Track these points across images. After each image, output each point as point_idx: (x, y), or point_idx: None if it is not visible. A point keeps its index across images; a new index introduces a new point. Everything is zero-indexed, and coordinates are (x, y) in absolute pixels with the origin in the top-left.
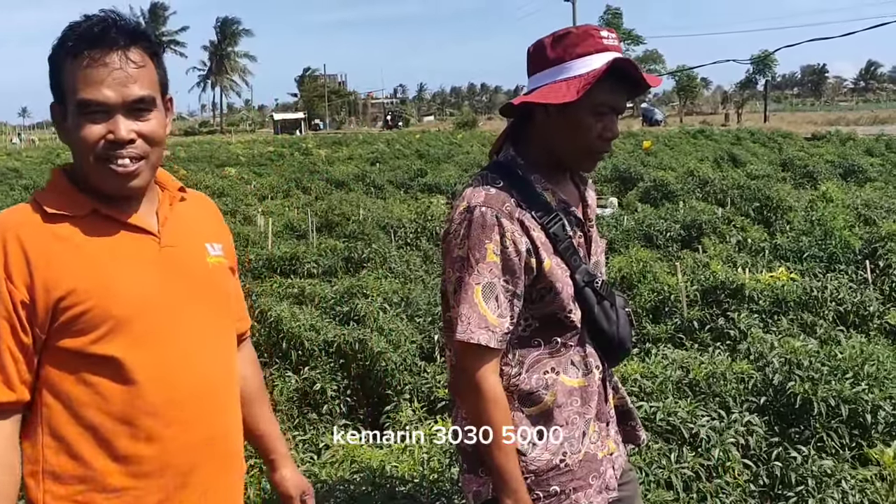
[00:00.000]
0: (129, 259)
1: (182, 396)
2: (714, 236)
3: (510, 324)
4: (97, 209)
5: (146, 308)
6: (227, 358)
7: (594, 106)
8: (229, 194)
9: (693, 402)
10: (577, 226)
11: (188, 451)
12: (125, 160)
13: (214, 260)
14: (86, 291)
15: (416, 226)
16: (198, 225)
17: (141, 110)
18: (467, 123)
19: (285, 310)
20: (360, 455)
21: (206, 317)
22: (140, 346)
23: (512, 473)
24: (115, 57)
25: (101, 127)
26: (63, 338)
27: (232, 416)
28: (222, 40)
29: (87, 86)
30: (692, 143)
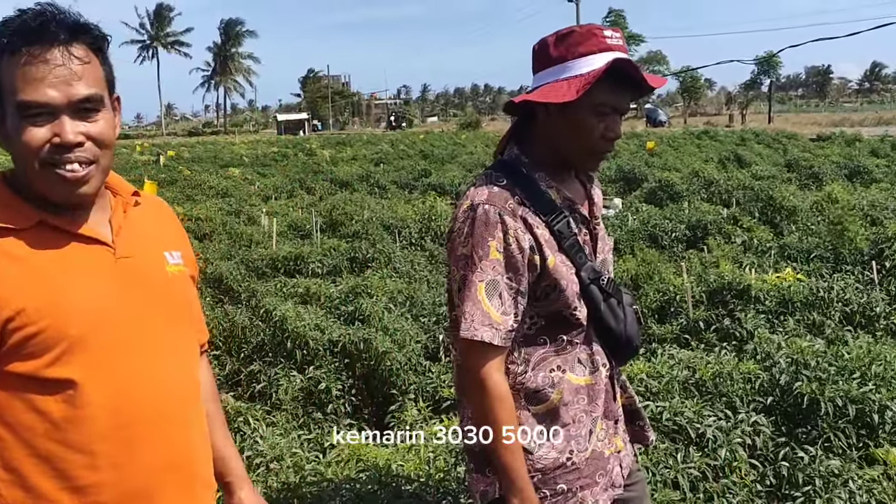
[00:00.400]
0: (83, 273)
1: (143, 418)
2: (719, 237)
3: (514, 321)
4: (44, 220)
5: (103, 325)
6: (189, 373)
7: (595, 106)
8: (233, 195)
9: (699, 402)
10: (582, 223)
11: (150, 475)
12: (73, 165)
13: (174, 269)
14: (37, 311)
15: (420, 226)
16: (155, 232)
17: (88, 110)
18: (471, 124)
19: (290, 309)
20: (366, 454)
21: (167, 331)
22: (97, 367)
23: (518, 472)
24: (57, 53)
25: (46, 130)
26: (12, 361)
27: (197, 434)
28: (226, 41)
29: (27, 85)
30: (696, 143)
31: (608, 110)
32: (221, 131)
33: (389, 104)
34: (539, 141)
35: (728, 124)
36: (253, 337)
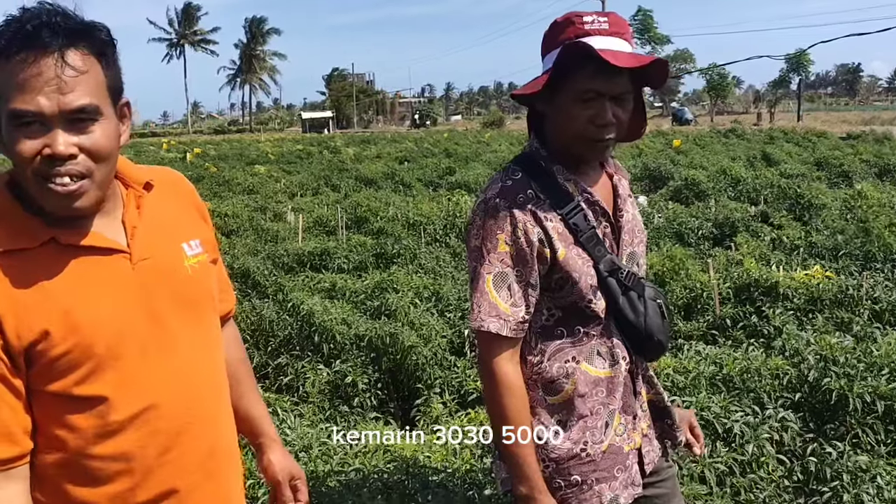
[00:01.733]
0: (101, 287)
1: (174, 422)
2: (747, 234)
3: (525, 313)
4: (54, 237)
5: (128, 337)
6: (216, 366)
7: (577, 93)
8: (259, 191)
9: (726, 397)
10: (602, 216)
11: (184, 474)
12: (65, 178)
13: (193, 261)
14: (60, 332)
15: (444, 223)
16: (172, 221)
17: (83, 120)
18: (494, 122)
19: (317, 303)
20: (393, 445)
21: (191, 329)
22: (127, 380)
23: (525, 460)
24: (50, 61)
25: (38, 142)
26: (45, 381)
27: (224, 426)
28: (252, 40)
29: (18, 94)
30: (723, 142)
31: (593, 95)
32: (247, 129)
33: (413, 103)
34: (550, 134)
35: (756, 122)
36: (280, 331)
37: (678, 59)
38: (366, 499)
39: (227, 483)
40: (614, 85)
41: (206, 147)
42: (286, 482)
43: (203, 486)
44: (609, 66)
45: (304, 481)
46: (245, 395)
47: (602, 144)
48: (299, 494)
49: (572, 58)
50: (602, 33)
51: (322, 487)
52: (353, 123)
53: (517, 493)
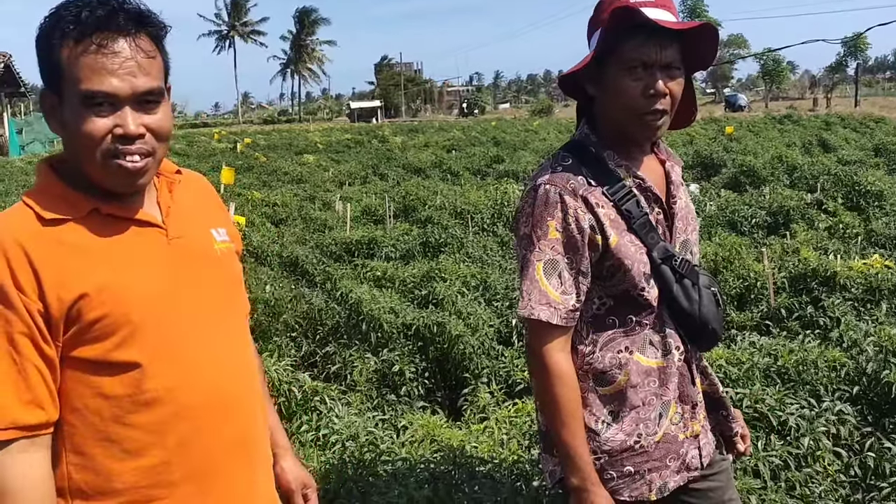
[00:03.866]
0: (140, 258)
1: (207, 398)
2: (803, 222)
3: (577, 301)
4: (97, 208)
5: (162, 309)
6: (245, 350)
7: (623, 64)
8: (308, 181)
9: (781, 389)
10: (655, 202)
11: (217, 453)
12: (134, 156)
13: (222, 246)
14: (99, 296)
15: (492, 212)
16: (200, 210)
17: (149, 102)
18: (543, 110)
19: (366, 292)
20: (440, 435)
21: (222, 309)
22: (160, 350)
23: (578, 452)
24: (125, 44)
25: (108, 120)
26: (79, 347)
27: (257, 410)
28: (301, 30)
29: (93, 75)
30: (778, 128)
31: (638, 65)
32: (296, 119)
33: (461, 91)
34: (600, 117)
35: (812, 108)
36: (328, 319)
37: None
38: (412, 489)
39: (256, 470)
40: (663, 53)
41: (255, 137)
42: (299, 491)
43: (235, 465)
44: (657, 33)
45: (315, 490)
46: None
47: (654, 119)
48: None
49: (619, 29)
50: (648, 5)
51: (369, 477)
52: (402, 112)
53: (569, 485)
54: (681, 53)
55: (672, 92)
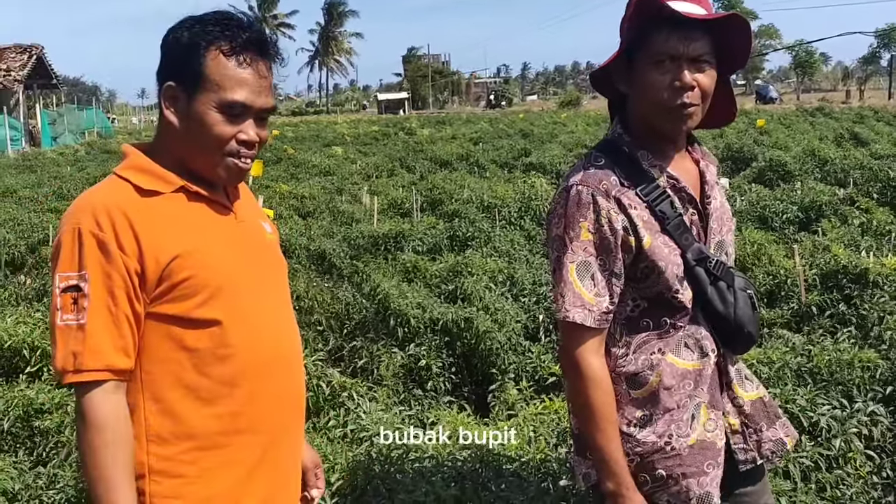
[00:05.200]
0: (218, 231)
1: (271, 357)
2: (835, 218)
3: (610, 303)
4: (185, 186)
5: (235, 276)
6: (293, 321)
7: (650, 58)
8: (335, 173)
9: (813, 389)
10: (689, 203)
11: (279, 406)
12: (247, 160)
13: (270, 237)
14: (188, 259)
15: (519, 205)
16: (251, 204)
17: (264, 119)
18: (571, 102)
19: (394, 287)
20: (469, 431)
21: (277, 285)
22: (235, 311)
23: (612, 455)
24: (264, 67)
25: (235, 128)
26: (167, 304)
27: (303, 374)
28: (329, 21)
29: (238, 87)
30: (810, 121)
31: (665, 58)
32: (324, 111)
33: (489, 83)
34: (632, 115)
35: (844, 101)
36: (355, 313)
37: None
38: (439, 486)
39: (302, 427)
40: (691, 46)
41: (283, 129)
42: (312, 469)
43: (291, 418)
44: (684, 26)
45: (322, 470)
46: None
47: (682, 112)
48: (319, 482)
49: (647, 23)
50: None
51: (396, 474)
52: (429, 104)
53: (604, 490)
54: (713, 48)
55: (701, 84)
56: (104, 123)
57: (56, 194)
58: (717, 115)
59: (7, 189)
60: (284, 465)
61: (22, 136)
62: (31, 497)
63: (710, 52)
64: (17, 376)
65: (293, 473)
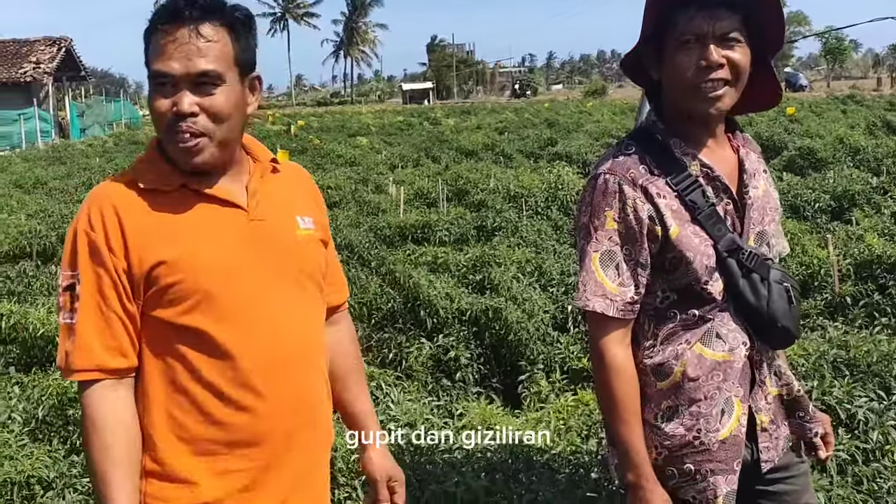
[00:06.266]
0: (217, 233)
1: (269, 368)
2: (868, 207)
3: (635, 293)
4: (186, 184)
5: (232, 281)
6: (313, 329)
7: (677, 39)
8: (361, 163)
9: (850, 381)
10: (723, 192)
11: (279, 418)
12: (185, 135)
13: (304, 232)
14: (175, 263)
15: (546, 195)
16: (290, 197)
17: (205, 84)
18: (597, 91)
19: (423, 277)
20: (498, 423)
21: (292, 289)
22: (227, 320)
23: (634, 447)
24: (185, 31)
25: (169, 100)
26: (155, 308)
27: (318, 386)
28: (354, 12)
29: (157, 57)
30: (841, 109)
31: (690, 38)
32: (348, 101)
33: (514, 72)
34: (665, 101)
35: (876, 88)
36: (383, 304)
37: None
38: (469, 477)
39: (318, 437)
40: (717, 24)
41: (308, 119)
42: (384, 482)
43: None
44: (709, 4)
45: (402, 483)
46: (351, 389)
47: (711, 88)
48: (396, 497)
49: (672, 4)
50: None
51: (427, 465)
52: (453, 94)
53: (625, 481)
54: (743, 26)
55: (732, 61)
56: (132, 114)
57: (85, 185)
58: (760, 97)
59: (38, 180)
60: (291, 478)
61: (52, 128)
62: (66, 485)
63: (739, 30)
64: (51, 365)
65: (307, 486)
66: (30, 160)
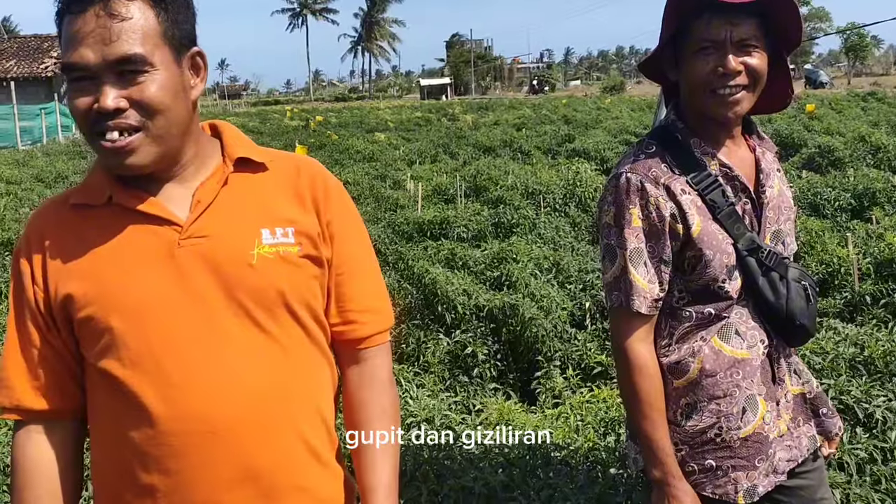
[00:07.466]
0: (136, 259)
1: (202, 425)
2: (888, 206)
3: (660, 290)
4: (112, 196)
5: (150, 318)
6: (272, 373)
7: (696, 44)
8: (379, 159)
9: (868, 381)
10: (742, 192)
11: (215, 487)
12: (113, 133)
13: (269, 250)
14: (84, 297)
15: (564, 192)
16: (263, 203)
17: (131, 72)
18: (615, 87)
19: (441, 273)
20: (515, 419)
21: (237, 323)
22: (143, 365)
23: (659, 444)
24: (93, 11)
25: (89, 97)
26: (81, 347)
27: (285, 445)
28: (372, 7)
29: (69, 47)
30: (862, 106)
31: (708, 44)
32: (366, 96)
33: (532, 68)
34: (684, 102)
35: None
36: (401, 299)
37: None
38: (487, 473)
39: None
40: (735, 31)
41: (326, 114)
42: None
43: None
44: (726, 10)
45: None
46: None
47: (729, 93)
48: None
49: (689, 9)
50: None
51: (445, 460)
52: (471, 90)
53: (651, 477)
54: (761, 30)
55: (750, 67)
56: None
57: None
58: (773, 99)
59: (59, 175)
60: None
61: (72, 123)
62: None
63: (756, 35)
64: None
65: None
66: (51, 154)
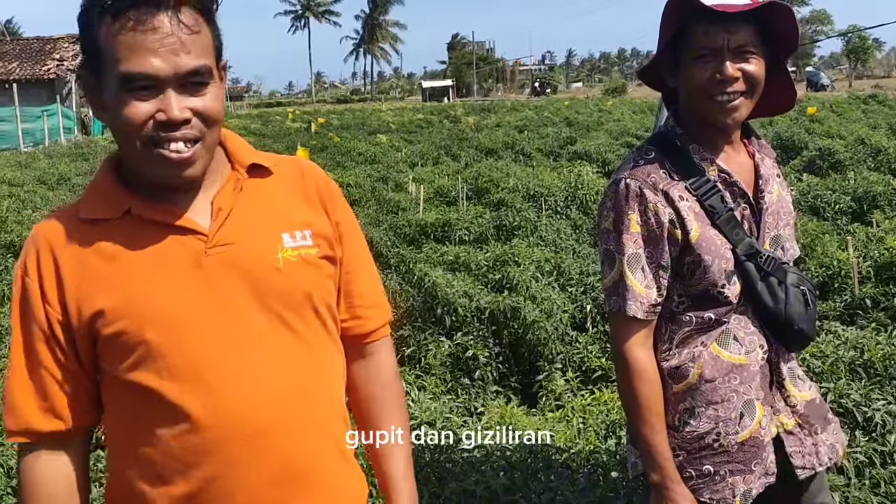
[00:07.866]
0: (165, 270)
1: (240, 430)
2: (889, 209)
3: (658, 295)
4: (131, 209)
5: (184, 329)
6: (305, 373)
7: (694, 52)
8: (381, 161)
9: (867, 384)
10: (741, 197)
11: (258, 489)
12: (179, 144)
13: (292, 253)
14: (115, 311)
15: (566, 194)
16: (279, 208)
17: (196, 84)
18: (616, 90)
19: (441, 276)
20: (517, 422)
21: (270, 327)
22: (179, 375)
23: (658, 448)
24: (165, 19)
25: (150, 105)
26: (105, 361)
27: (317, 442)
28: (374, 9)
29: (132, 55)
30: (862, 109)
31: (706, 52)
32: (368, 98)
33: (533, 70)
34: (682, 108)
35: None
36: (403, 302)
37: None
38: (488, 476)
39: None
40: (732, 38)
41: (328, 116)
42: None
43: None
44: (722, 18)
45: None
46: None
47: (728, 100)
48: None
49: (686, 17)
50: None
51: (447, 463)
52: (473, 92)
53: (650, 481)
54: (758, 36)
55: (748, 73)
56: None
57: None
58: (775, 102)
59: (61, 177)
60: None
61: (74, 125)
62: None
63: (753, 42)
64: None
65: None
66: (53, 156)
